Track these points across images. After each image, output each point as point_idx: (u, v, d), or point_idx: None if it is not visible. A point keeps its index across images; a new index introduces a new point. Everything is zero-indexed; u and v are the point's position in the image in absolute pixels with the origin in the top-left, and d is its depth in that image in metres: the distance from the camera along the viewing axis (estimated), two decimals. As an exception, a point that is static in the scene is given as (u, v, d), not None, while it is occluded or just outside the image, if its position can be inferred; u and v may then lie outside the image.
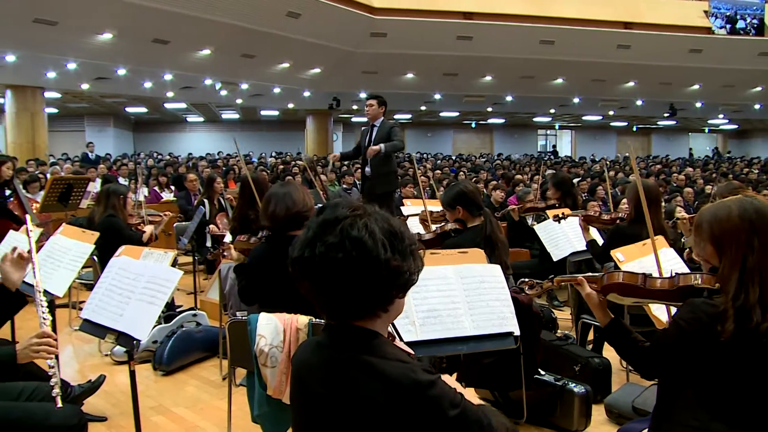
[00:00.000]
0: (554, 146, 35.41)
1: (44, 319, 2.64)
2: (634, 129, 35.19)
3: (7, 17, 12.95)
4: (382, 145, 7.00)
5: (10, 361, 2.45)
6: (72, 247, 4.04)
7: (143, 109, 27.06)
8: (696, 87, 22.42)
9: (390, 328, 1.67)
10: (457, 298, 2.96)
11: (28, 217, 3.35)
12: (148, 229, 5.81)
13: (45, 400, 2.86)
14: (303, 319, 2.92)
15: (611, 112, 27.73)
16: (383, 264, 1.48)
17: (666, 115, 25.25)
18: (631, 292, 2.32)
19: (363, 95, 22.12)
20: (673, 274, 2.25)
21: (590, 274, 2.46)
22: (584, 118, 30.48)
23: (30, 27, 13.28)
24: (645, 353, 2.24)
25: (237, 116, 30.14)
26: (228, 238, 5.00)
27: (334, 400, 1.51)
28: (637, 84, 21.86)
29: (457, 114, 29.51)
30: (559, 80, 21.39)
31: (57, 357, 2.63)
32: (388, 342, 1.58)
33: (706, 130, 35.93)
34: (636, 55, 18.87)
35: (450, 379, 1.64)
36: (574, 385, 3.77)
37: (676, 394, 2.13)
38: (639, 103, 24.93)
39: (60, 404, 2.46)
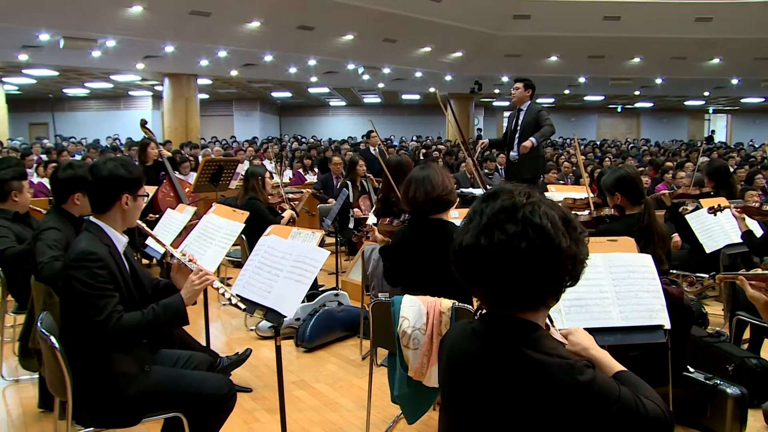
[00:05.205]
0: (713, 131, 33.06)
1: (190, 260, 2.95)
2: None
3: (167, 11, 13.98)
4: (532, 139, 6.84)
5: (181, 308, 2.71)
6: (223, 225, 4.23)
7: (288, 94, 27.98)
8: None
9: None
10: (605, 288, 2.85)
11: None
12: (287, 214, 6.01)
13: (198, 368, 3.05)
14: (446, 303, 2.92)
15: (775, 93, 25.62)
16: (564, 252, 1.46)
17: None
18: None
19: (505, 79, 21.78)
20: None
21: (756, 271, 2.27)
22: (743, 100, 28.42)
23: (186, 19, 14.22)
24: None
25: (378, 100, 30.53)
26: (371, 219, 5.07)
27: (493, 392, 1.49)
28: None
29: (602, 98, 28.38)
30: (716, 60, 20.03)
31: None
32: (548, 335, 1.54)
33: None
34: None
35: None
36: (727, 385, 3.55)
37: None
38: (811, 82, 22.70)
39: (235, 301, 2.85)
